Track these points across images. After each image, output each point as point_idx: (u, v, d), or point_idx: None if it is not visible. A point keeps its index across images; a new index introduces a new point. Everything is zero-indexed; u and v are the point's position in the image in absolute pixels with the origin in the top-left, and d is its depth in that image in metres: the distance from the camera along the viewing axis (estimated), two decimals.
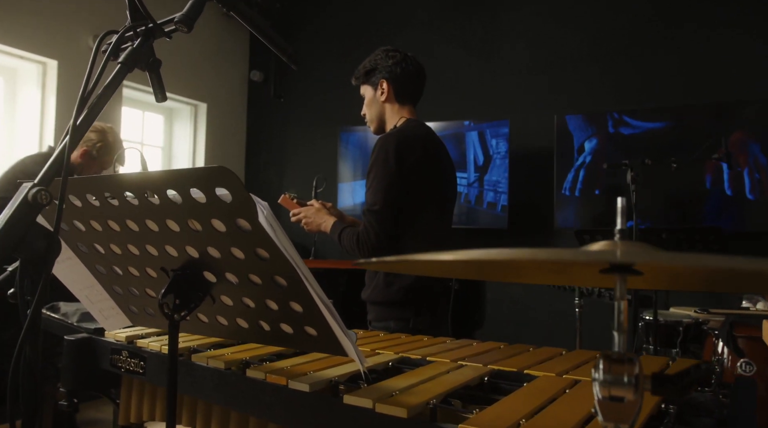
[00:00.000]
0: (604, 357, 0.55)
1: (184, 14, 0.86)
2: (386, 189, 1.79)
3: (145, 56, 0.86)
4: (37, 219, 0.76)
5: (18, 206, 0.72)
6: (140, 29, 0.86)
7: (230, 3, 0.89)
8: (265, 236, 0.83)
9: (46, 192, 0.73)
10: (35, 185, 0.73)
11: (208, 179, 0.81)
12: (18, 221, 0.71)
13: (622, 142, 4.28)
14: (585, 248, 0.57)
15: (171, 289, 1.00)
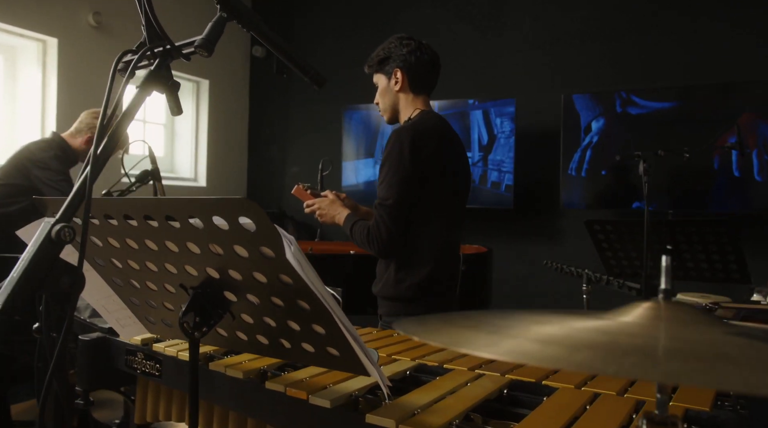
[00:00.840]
0: (647, 419, 0.54)
1: (204, 38, 0.83)
2: (400, 184, 1.77)
3: (164, 79, 0.83)
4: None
5: (41, 243, 0.71)
6: (157, 50, 0.83)
7: (251, 23, 0.86)
8: (291, 267, 0.82)
9: (69, 229, 0.72)
10: (58, 222, 0.72)
11: (231, 208, 0.80)
12: (42, 259, 0.70)
13: (630, 122, 4.23)
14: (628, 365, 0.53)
15: (191, 307, 1.00)
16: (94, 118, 2.96)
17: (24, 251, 2.01)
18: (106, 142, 0.78)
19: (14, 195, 2.75)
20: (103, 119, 0.78)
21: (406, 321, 0.57)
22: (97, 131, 0.77)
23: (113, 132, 0.79)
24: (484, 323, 0.50)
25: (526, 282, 4.75)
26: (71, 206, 0.75)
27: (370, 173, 5.20)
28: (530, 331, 0.47)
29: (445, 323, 0.52)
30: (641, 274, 2.41)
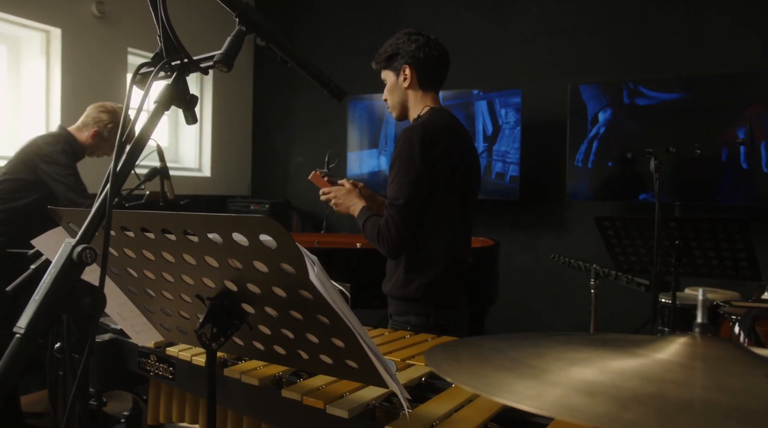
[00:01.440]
0: None
1: (223, 53, 0.82)
2: (410, 184, 1.76)
3: (182, 93, 0.82)
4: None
5: (63, 265, 0.70)
6: (175, 64, 0.82)
7: (268, 36, 0.85)
8: (311, 284, 0.82)
9: (91, 251, 0.71)
10: (79, 243, 0.71)
11: (251, 226, 0.79)
12: (63, 281, 0.70)
13: (637, 113, 4.20)
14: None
15: (208, 319, 1.00)
16: (101, 112, 2.95)
17: (33, 250, 2.00)
18: (125, 158, 0.77)
19: (22, 190, 2.74)
20: (121, 135, 0.77)
21: (438, 355, 0.56)
22: (116, 147, 0.76)
23: (132, 148, 0.78)
24: (519, 362, 0.50)
25: (531, 273, 4.75)
26: (92, 225, 0.74)
27: (374, 163, 5.19)
28: (571, 376, 0.46)
29: (479, 359, 0.52)
30: (650, 270, 2.41)
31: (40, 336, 0.67)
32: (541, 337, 0.60)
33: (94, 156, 2.99)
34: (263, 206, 5.41)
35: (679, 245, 2.21)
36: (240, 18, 0.83)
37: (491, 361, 0.51)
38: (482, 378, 0.47)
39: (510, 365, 0.49)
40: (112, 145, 2.96)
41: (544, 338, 0.59)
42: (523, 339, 0.58)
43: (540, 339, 0.59)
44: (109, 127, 2.91)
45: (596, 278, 2.74)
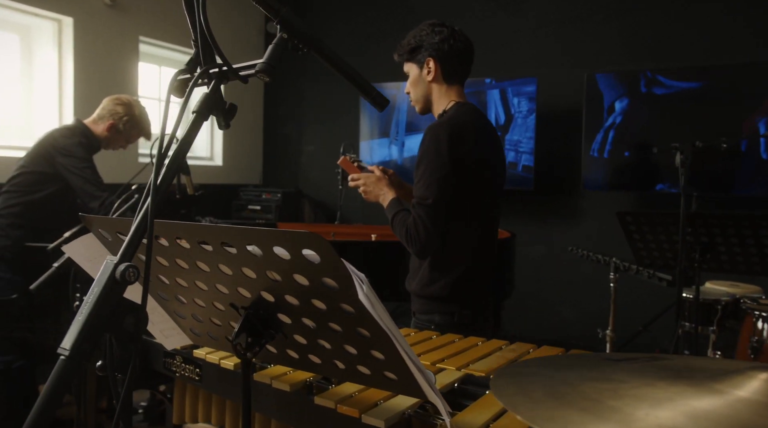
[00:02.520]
0: None
1: (265, 62, 0.79)
2: (438, 183, 1.73)
3: (220, 103, 0.79)
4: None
5: (105, 284, 0.68)
6: (213, 71, 0.80)
7: (310, 42, 0.82)
8: (354, 295, 0.80)
9: (134, 269, 0.69)
10: (121, 261, 0.69)
11: (295, 241, 0.77)
12: (106, 301, 0.68)
13: (655, 102, 4.14)
14: None
15: (244, 328, 0.98)
16: (116, 104, 2.93)
17: (51, 241, 1.99)
18: (164, 171, 0.75)
19: (39, 182, 2.74)
20: (161, 147, 0.75)
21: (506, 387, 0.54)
22: (156, 160, 0.74)
23: (171, 160, 0.76)
24: (598, 403, 0.47)
25: (545, 264, 4.72)
26: (133, 242, 0.72)
27: (385, 152, 5.15)
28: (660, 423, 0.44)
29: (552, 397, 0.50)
30: (672, 265, 2.38)
31: (84, 358, 0.66)
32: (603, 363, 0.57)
33: (110, 149, 2.98)
34: (275, 195, 5.40)
35: (705, 241, 2.17)
36: (282, 25, 0.80)
37: (566, 399, 0.49)
38: (563, 421, 0.45)
39: (589, 406, 0.46)
40: (127, 137, 2.95)
41: (608, 365, 0.57)
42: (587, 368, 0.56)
43: (604, 367, 0.57)
44: (124, 119, 2.89)
45: (616, 272, 2.71)
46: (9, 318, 2.59)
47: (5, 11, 3.96)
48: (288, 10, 0.80)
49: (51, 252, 2.11)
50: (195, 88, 0.80)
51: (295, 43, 0.82)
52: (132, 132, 2.92)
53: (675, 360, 0.63)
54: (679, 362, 0.61)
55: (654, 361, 0.60)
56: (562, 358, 0.65)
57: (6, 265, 2.69)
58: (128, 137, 2.94)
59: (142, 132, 2.99)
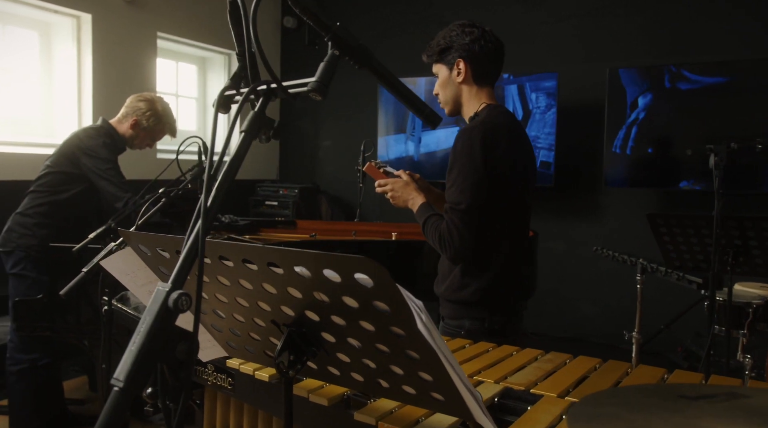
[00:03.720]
0: None
1: (317, 81, 0.76)
2: (472, 187, 1.70)
3: (269, 121, 0.77)
4: None
5: (158, 313, 0.66)
6: (261, 89, 0.77)
7: (364, 59, 0.79)
8: (407, 319, 0.77)
9: (186, 297, 0.67)
10: (173, 289, 0.67)
11: (347, 265, 0.75)
12: (159, 330, 0.66)
13: (679, 98, 4.07)
14: None
15: (286, 347, 0.96)
16: (139, 100, 2.93)
17: (76, 240, 1.98)
18: (215, 192, 0.73)
19: (65, 183, 2.75)
20: (210, 168, 0.73)
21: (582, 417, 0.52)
22: (205, 182, 0.72)
23: (221, 182, 0.73)
24: None
25: (565, 261, 4.68)
26: (184, 267, 0.70)
27: (401, 148, 5.11)
28: None
29: None
30: (703, 268, 2.34)
31: (138, 389, 0.64)
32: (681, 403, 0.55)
33: (136, 148, 2.98)
34: (292, 190, 5.39)
35: (738, 244, 2.13)
36: (333, 41, 0.77)
37: None
38: None
39: None
40: (152, 135, 2.94)
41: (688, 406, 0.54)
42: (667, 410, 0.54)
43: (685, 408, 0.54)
44: (147, 114, 2.88)
45: (643, 274, 2.67)
46: (34, 317, 2.60)
47: (25, 8, 3.96)
48: (340, 26, 0.77)
49: (77, 252, 2.11)
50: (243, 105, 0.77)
51: (348, 60, 0.79)
52: (156, 128, 2.91)
53: (755, 396, 0.60)
54: (762, 399, 0.58)
55: (734, 399, 0.57)
56: (635, 393, 0.62)
57: (32, 264, 2.71)
58: (153, 134, 2.94)
59: (166, 128, 2.98)
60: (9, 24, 3.98)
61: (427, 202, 1.86)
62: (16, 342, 2.76)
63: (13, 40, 4.02)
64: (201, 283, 0.70)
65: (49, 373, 2.87)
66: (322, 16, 0.75)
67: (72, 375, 3.72)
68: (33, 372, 2.78)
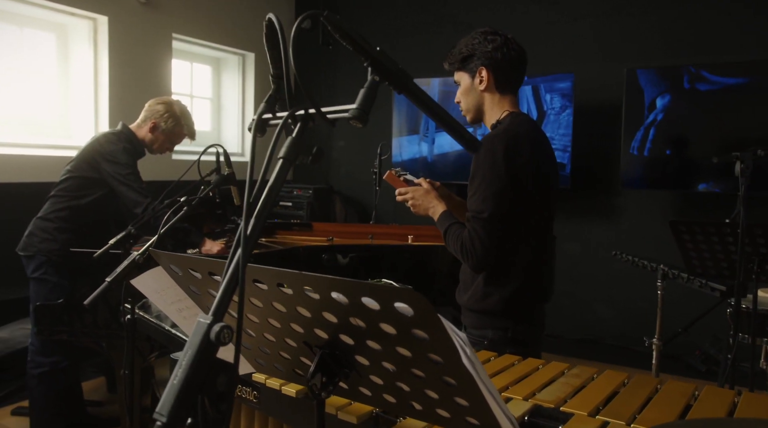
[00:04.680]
0: None
1: (358, 108, 0.75)
2: (494, 196, 1.68)
3: (308, 147, 0.76)
4: None
5: (200, 347, 0.66)
6: (299, 114, 0.76)
7: (403, 85, 0.78)
8: (446, 347, 0.76)
9: (228, 330, 0.66)
10: (215, 321, 0.67)
11: (388, 294, 0.74)
12: (202, 364, 0.66)
13: (698, 99, 4.03)
14: None
15: (319, 368, 0.95)
16: (157, 103, 2.94)
17: (96, 245, 1.99)
18: (254, 220, 0.72)
19: (85, 187, 2.77)
20: (249, 195, 0.72)
21: None
22: (244, 209, 0.71)
23: (260, 210, 0.73)
24: None
25: (581, 262, 4.65)
26: (224, 298, 0.69)
27: (414, 149, 5.10)
28: None
29: None
30: (727, 275, 2.31)
31: (180, 423, 0.64)
32: None
33: (156, 152, 2.98)
34: (306, 191, 5.39)
35: (764, 253, 2.10)
36: (373, 67, 0.76)
37: None
38: None
39: None
40: (171, 138, 2.94)
41: None
42: None
43: None
44: (165, 116, 2.89)
45: (663, 280, 2.64)
46: (54, 321, 2.62)
47: (42, 11, 3.98)
48: (380, 51, 0.76)
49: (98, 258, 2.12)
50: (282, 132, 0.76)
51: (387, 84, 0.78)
52: (174, 130, 2.91)
53: None
54: None
55: None
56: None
57: (53, 268, 2.73)
58: (171, 137, 2.94)
59: (184, 129, 2.98)
60: (27, 26, 4.01)
61: (447, 210, 1.85)
62: (37, 345, 2.78)
63: (30, 43, 4.05)
64: (242, 315, 0.70)
65: (70, 376, 2.89)
66: (362, 42, 0.74)
67: (89, 376, 3.74)
68: (54, 375, 2.80)
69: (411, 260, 3.30)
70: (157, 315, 1.95)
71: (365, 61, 0.76)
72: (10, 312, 3.33)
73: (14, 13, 3.89)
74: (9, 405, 3.19)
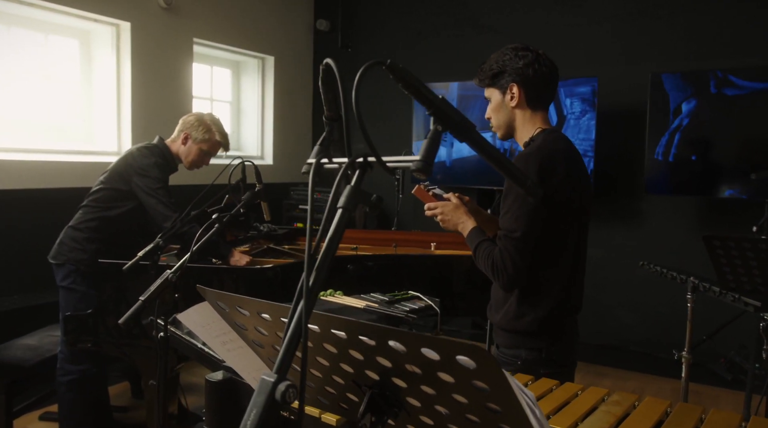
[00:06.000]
0: None
1: (422, 160, 0.74)
2: (528, 215, 1.67)
3: (367, 195, 0.75)
4: None
5: (265, 405, 0.65)
6: (359, 162, 0.75)
7: (466, 134, 0.77)
8: (507, 397, 0.75)
9: (293, 389, 0.66)
10: (280, 380, 0.66)
11: (452, 348, 0.72)
12: (266, 423, 0.65)
13: (725, 104, 3.97)
14: None
15: (369, 408, 0.95)
16: (188, 117, 2.99)
17: (122, 255, 2.01)
18: (315, 274, 0.71)
19: (116, 199, 2.79)
20: (309, 247, 0.71)
21: None
22: (306, 260, 0.70)
23: (320, 264, 0.72)
24: None
25: (603, 267, 4.61)
26: (288, 354, 0.69)
27: None
28: None
29: None
30: (761, 291, 2.28)
31: None
32: None
33: (190, 166, 2.98)
34: (325, 195, 5.37)
35: None
36: (436, 116, 0.75)
37: None
38: None
39: None
40: (203, 153, 2.94)
41: None
42: None
43: None
44: (195, 125, 2.91)
45: (693, 292, 2.61)
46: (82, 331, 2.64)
47: (66, 17, 4.01)
48: (443, 100, 0.74)
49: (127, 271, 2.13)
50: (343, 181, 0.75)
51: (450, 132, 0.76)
52: (206, 137, 2.91)
53: None
54: None
55: None
56: None
57: (81, 278, 2.76)
58: (205, 147, 2.93)
59: (216, 136, 2.97)
60: (52, 33, 4.04)
61: (477, 226, 1.83)
62: (66, 353, 2.81)
63: (55, 49, 4.08)
64: (305, 373, 0.69)
65: (98, 383, 2.92)
66: (425, 91, 0.73)
67: (113, 381, 3.77)
68: (83, 383, 2.83)
69: (435, 269, 3.28)
70: (188, 332, 1.95)
71: (428, 110, 0.75)
72: (39, 318, 3.36)
73: (40, 20, 3.92)
74: (37, 410, 3.23)
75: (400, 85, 0.73)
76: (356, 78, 0.71)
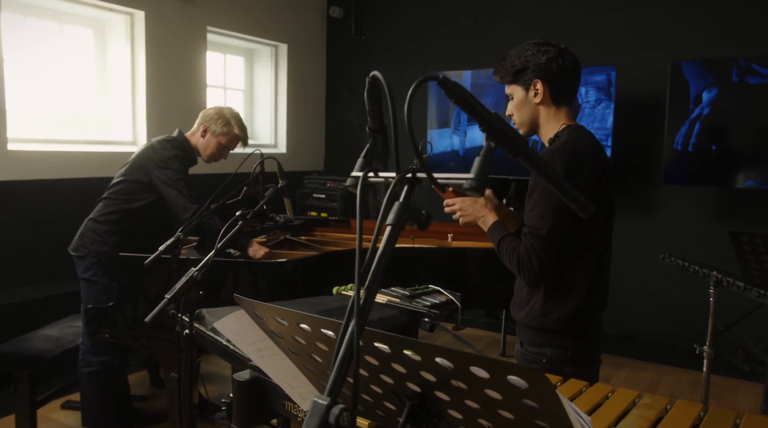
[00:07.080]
0: None
1: (475, 179, 0.72)
2: (554, 212, 1.65)
3: (416, 212, 0.74)
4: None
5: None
6: (408, 178, 0.74)
7: (519, 149, 0.75)
8: (557, 416, 0.74)
9: (347, 414, 0.65)
10: (333, 403, 0.65)
11: (503, 369, 0.71)
12: None
13: (747, 93, 3.90)
14: None
15: (410, 420, 0.94)
16: (207, 110, 2.99)
17: (142, 248, 2.01)
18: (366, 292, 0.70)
19: (137, 192, 2.79)
20: (360, 264, 0.70)
21: None
22: (356, 279, 0.69)
23: (371, 281, 0.71)
24: None
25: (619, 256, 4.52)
26: (339, 377, 0.68)
27: (446, 143, 5.02)
28: None
29: None
30: None
31: None
32: None
33: (209, 159, 2.97)
34: (340, 183, 5.37)
35: None
36: (489, 132, 0.73)
37: None
38: None
39: None
40: (222, 141, 2.92)
41: None
42: None
43: None
44: (214, 118, 2.90)
45: (716, 287, 2.58)
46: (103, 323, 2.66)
47: (80, 7, 3.99)
48: (495, 115, 0.73)
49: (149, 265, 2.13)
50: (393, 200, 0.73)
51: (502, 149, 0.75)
52: (225, 130, 2.90)
53: None
54: None
55: None
56: None
57: (103, 270, 2.77)
58: (223, 140, 2.92)
59: (235, 130, 2.95)
60: (66, 23, 4.02)
61: (499, 220, 1.81)
62: (87, 344, 2.83)
63: (70, 39, 4.06)
64: (357, 395, 0.68)
65: (119, 374, 2.95)
66: (479, 107, 0.71)
67: (132, 370, 3.81)
68: (104, 374, 2.85)
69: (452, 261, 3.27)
70: (212, 329, 1.95)
71: (481, 126, 0.73)
72: (58, 308, 3.39)
73: (54, 9, 3.90)
74: (59, 399, 3.27)
75: (452, 101, 0.71)
76: (408, 93, 0.70)
